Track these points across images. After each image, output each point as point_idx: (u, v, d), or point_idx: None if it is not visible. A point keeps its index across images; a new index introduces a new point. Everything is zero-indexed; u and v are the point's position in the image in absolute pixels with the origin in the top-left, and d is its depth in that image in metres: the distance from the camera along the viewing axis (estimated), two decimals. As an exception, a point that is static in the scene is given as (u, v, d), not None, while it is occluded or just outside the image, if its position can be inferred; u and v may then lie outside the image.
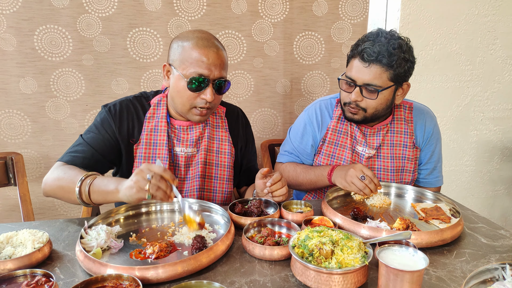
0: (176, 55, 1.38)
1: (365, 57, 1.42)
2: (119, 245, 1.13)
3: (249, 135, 1.70)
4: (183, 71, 1.35)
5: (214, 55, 1.34)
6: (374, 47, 1.40)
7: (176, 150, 1.48)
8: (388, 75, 1.44)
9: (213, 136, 1.55)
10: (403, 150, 1.62)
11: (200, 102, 1.38)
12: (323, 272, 0.90)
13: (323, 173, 1.57)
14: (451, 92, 2.61)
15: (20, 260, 1.00)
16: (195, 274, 1.00)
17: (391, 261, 0.85)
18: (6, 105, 2.18)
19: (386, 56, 1.40)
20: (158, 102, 1.50)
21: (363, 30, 2.50)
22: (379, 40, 1.42)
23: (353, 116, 1.55)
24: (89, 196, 1.20)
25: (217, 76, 1.36)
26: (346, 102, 1.54)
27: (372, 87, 1.45)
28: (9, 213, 2.32)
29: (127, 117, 1.46)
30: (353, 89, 1.49)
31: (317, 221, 1.19)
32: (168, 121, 1.48)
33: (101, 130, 1.43)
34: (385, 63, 1.41)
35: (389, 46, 1.41)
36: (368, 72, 1.43)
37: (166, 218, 1.32)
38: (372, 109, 1.50)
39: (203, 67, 1.33)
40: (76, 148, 1.39)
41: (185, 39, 1.37)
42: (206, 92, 1.36)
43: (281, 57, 2.44)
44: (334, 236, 0.96)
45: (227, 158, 1.56)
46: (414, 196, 1.50)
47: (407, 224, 1.19)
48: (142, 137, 1.45)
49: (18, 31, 2.10)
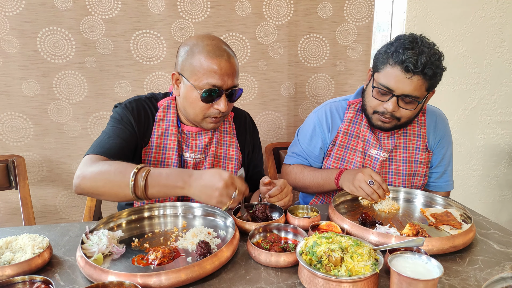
0: (186, 64, 1.33)
1: (410, 68, 1.34)
2: (121, 250, 1.10)
3: (256, 141, 1.67)
4: (195, 82, 1.32)
5: (227, 64, 1.31)
6: (420, 58, 1.32)
7: (185, 155, 1.46)
8: (427, 85, 1.39)
9: (221, 142, 1.53)
10: (416, 153, 1.59)
11: (214, 112, 1.36)
12: (332, 280, 0.86)
13: (330, 176, 1.53)
14: (458, 95, 2.58)
15: (19, 266, 0.97)
16: (199, 281, 0.97)
17: (404, 269, 0.82)
18: (8, 107, 2.16)
19: (432, 68, 1.34)
20: (168, 105, 1.47)
21: (368, 32, 2.48)
22: (421, 50, 1.34)
23: (383, 125, 1.50)
24: (145, 189, 1.12)
25: (230, 85, 1.34)
26: (379, 111, 1.47)
27: (411, 98, 1.39)
28: (10, 217, 2.29)
29: (144, 116, 1.43)
30: (388, 99, 1.42)
31: (324, 226, 1.16)
32: (178, 125, 1.46)
33: (122, 122, 1.37)
34: (430, 75, 1.35)
35: (432, 57, 1.34)
36: (410, 83, 1.36)
37: (169, 223, 1.29)
38: (406, 118, 1.46)
39: (216, 78, 1.30)
40: (107, 141, 1.29)
41: (194, 47, 1.32)
42: (220, 102, 1.33)
43: (286, 60, 2.42)
44: (343, 242, 0.93)
45: (234, 164, 1.54)
46: (423, 201, 1.46)
47: (417, 230, 1.16)
48: (152, 140, 1.43)
49: (21, 33, 2.09)
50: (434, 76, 1.37)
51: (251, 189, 1.64)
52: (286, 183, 1.32)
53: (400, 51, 1.37)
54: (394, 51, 1.39)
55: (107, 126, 1.39)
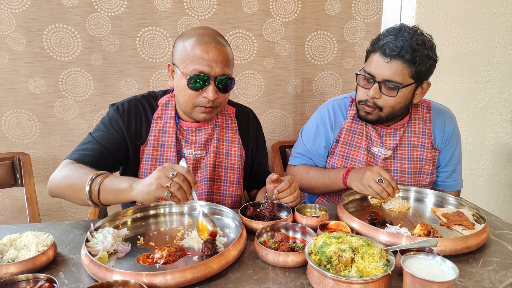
0: (177, 54, 1.34)
1: (386, 52, 1.36)
2: (126, 249, 1.08)
3: (260, 137, 1.64)
4: (183, 69, 1.30)
5: (215, 51, 1.28)
6: (397, 42, 1.34)
7: (184, 152, 1.43)
8: (410, 72, 1.38)
9: (223, 138, 1.50)
10: (420, 151, 1.55)
11: (203, 101, 1.32)
12: (342, 281, 0.84)
13: (337, 176, 1.51)
14: (468, 93, 2.54)
15: (23, 264, 0.96)
16: (205, 280, 0.95)
17: (417, 271, 0.79)
18: (14, 105, 2.16)
19: (409, 51, 1.34)
20: (166, 103, 1.46)
21: (376, 29, 2.44)
22: (402, 35, 1.36)
23: (366, 116, 1.49)
24: (98, 195, 1.13)
25: (219, 73, 1.30)
26: (363, 99, 1.47)
27: (392, 83, 1.39)
28: (16, 214, 2.29)
29: (135, 117, 1.42)
30: (372, 85, 1.42)
31: (333, 226, 1.14)
32: (176, 122, 1.43)
33: (110, 129, 1.38)
34: (408, 59, 1.35)
35: (413, 42, 1.34)
36: (389, 67, 1.37)
37: (175, 221, 1.27)
38: (389, 108, 1.44)
39: (203, 64, 1.27)
40: (85, 146, 1.33)
41: (186, 37, 1.33)
42: (208, 90, 1.30)
43: (293, 57, 2.39)
44: (353, 242, 0.91)
45: (237, 160, 1.50)
46: (434, 200, 1.43)
47: (428, 230, 1.13)
48: (150, 138, 1.41)
49: (27, 30, 2.08)
50: (414, 61, 1.36)
51: (256, 186, 1.62)
52: (293, 178, 1.29)
53: (381, 38, 1.41)
54: (377, 38, 1.43)
55: (94, 128, 1.41)
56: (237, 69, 2.34)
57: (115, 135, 1.38)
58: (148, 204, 1.22)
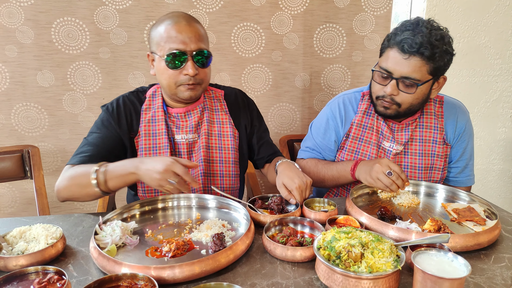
0: (153, 40, 1.37)
1: (405, 48, 1.31)
2: (134, 242, 1.08)
3: (254, 113, 1.62)
4: (160, 52, 1.33)
5: (186, 27, 1.31)
6: (415, 38, 1.30)
7: (176, 138, 1.46)
8: (428, 68, 1.34)
9: (213, 119, 1.51)
10: (432, 146, 1.53)
11: (184, 79, 1.34)
12: (351, 276, 0.83)
13: (346, 168, 1.49)
14: (479, 87, 2.49)
15: (33, 256, 0.96)
16: (213, 274, 0.95)
17: (428, 267, 0.78)
18: (23, 98, 2.17)
19: (429, 48, 1.30)
20: (153, 93, 1.49)
21: (386, 22, 2.41)
22: (420, 30, 1.31)
23: (385, 111, 1.46)
24: (106, 184, 1.19)
25: (195, 49, 1.32)
26: (380, 95, 1.44)
27: (411, 80, 1.35)
28: (26, 206, 2.32)
29: (124, 112, 1.45)
30: (389, 82, 1.39)
31: (342, 220, 1.12)
32: (165, 110, 1.45)
33: (102, 129, 1.42)
34: (427, 56, 1.31)
35: (431, 37, 1.30)
36: (407, 64, 1.34)
37: (183, 214, 1.27)
38: (407, 104, 1.41)
39: (177, 41, 1.30)
40: (82, 149, 1.38)
41: (158, 23, 1.36)
42: (187, 67, 1.32)
43: (301, 50, 2.37)
44: (363, 238, 0.89)
45: (230, 140, 1.51)
46: (444, 195, 1.41)
47: (438, 225, 1.11)
48: (141, 129, 1.44)
49: (36, 23, 2.08)
50: (433, 58, 1.32)
51: (266, 160, 1.61)
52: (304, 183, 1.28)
53: (398, 33, 1.36)
54: (394, 33, 1.38)
55: (88, 132, 1.44)
56: (244, 62, 2.33)
57: (108, 134, 1.41)
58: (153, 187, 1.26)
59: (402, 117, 1.49)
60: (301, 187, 1.25)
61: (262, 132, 1.63)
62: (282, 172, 1.32)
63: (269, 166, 1.59)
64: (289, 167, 1.34)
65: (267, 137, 1.65)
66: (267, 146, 1.61)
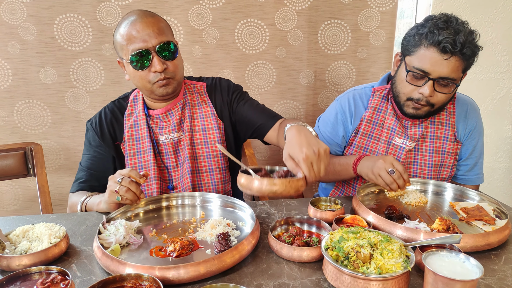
0: (117, 46, 1.34)
1: (447, 49, 1.25)
2: (138, 241, 1.07)
3: (233, 94, 1.51)
4: (125, 56, 1.31)
5: (142, 24, 1.27)
6: (458, 38, 1.25)
7: (160, 139, 1.44)
8: (463, 66, 1.31)
9: (195, 114, 1.47)
10: (443, 143, 1.50)
11: (154, 76, 1.31)
12: (359, 277, 0.81)
13: (348, 162, 1.46)
14: (486, 84, 2.46)
15: (36, 256, 0.95)
16: (219, 275, 0.93)
17: (439, 268, 0.76)
18: (26, 95, 2.16)
19: (471, 47, 1.27)
20: (134, 98, 1.48)
21: (392, 18, 2.37)
22: (456, 28, 1.26)
23: (415, 112, 1.41)
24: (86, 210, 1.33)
25: (157, 43, 1.28)
26: (414, 97, 1.38)
27: (448, 80, 1.31)
28: (29, 204, 2.31)
29: (105, 124, 1.45)
30: (425, 83, 1.34)
31: (349, 220, 1.11)
32: (146, 113, 1.44)
33: (90, 149, 1.46)
34: (468, 55, 1.28)
35: (469, 36, 1.27)
36: (447, 64, 1.28)
37: (187, 213, 1.26)
38: (440, 104, 1.38)
39: (137, 41, 1.27)
40: (78, 175, 1.47)
41: (117, 27, 1.33)
42: (153, 64, 1.29)
43: (305, 47, 2.34)
44: (372, 238, 0.88)
45: (215, 133, 1.47)
46: (453, 194, 1.39)
47: (447, 225, 1.09)
48: (125, 135, 1.44)
49: (38, 20, 2.07)
50: (473, 56, 1.30)
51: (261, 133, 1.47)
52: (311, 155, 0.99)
53: (435, 32, 1.28)
54: (428, 31, 1.30)
55: (82, 152, 1.50)
56: (248, 59, 2.31)
57: (97, 154, 1.45)
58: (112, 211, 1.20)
59: (431, 115, 1.46)
60: (309, 157, 0.98)
61: (247, 102, 1.50)
62: (290, 141, 1.06)
63: (278, 133, 1.37)
64: (298, 132, 1.06)
65: (255, 105, 1.51)
66: (258, 113, 1.47)
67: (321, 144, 1.01)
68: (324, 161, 0.99)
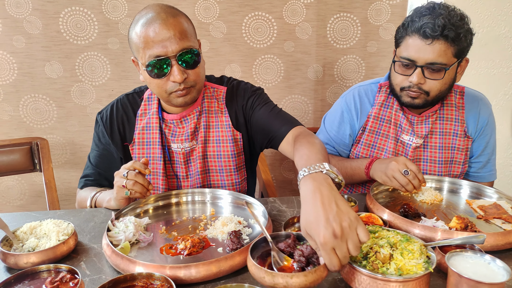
0: (132, 46, 1.20)
1: (427, 33, 1.26)
2: (148, 238, 1.04)
3: (250, 101, 1.36)
4: (142, 60, 1.17)
5: (162, 26, 1.11)
6: (437, 21, 1.25)
7: (172, 147, 1.34)
8: (453, 50, 1.29)
9: (210, 123, 1.35)
10: (453, 139, 1.47)
11: (173, 86, 1.18)
12: (379, 279, 0.78)
13: (360, 166, 1.43)
14: (498, 79, 2.41)
15: (44, 253, 0.93)
16: (231, 274, 0.91)
17: (464, 270, 0.73)
18: (32, 89, 2.13)
19: (453, 29, 1.25)
20: (149, 97, 1.36)
21: (402, 11, 2.32)
22: (438, 13, 1.27)
23: (413, 101, 1.39)
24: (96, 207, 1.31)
25: (178, 50, 1.13)
26: (405, 86, 1.38)
27: (437, 66, 1.30)
28: (35, 199, 2.29)
29: (116, 121, 1.37)
30: (413, 71, 1.34)
31: (364, 218, 1.08)
32: (160, 116, 1.33)
33: (99, 145, 1.41)
34: (452, 37, 1.26)
35: (452, 18, 1.26)
36: (431, 49, 1.28)
37: (197, 210, 1.23)
38: (436, 91, 1.35)
39: (155, 46, 1.12)
40: (86, 172, 1.44)
41: (133, 24, 1.17)
42: (173, 73, 1.15)
43: (314, 41, 2.30)
44: (391, 237, 0.85)
45: (229, 146, 1.35)
46: (469, 191, 1.35)
47: (465, 223, 1.06)
48: (135, 136, 1.35)
49: (44, 13, 2.04)
50: (458, 39, 1.28)
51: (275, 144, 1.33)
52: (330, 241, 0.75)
53: (416, 19, 1.31)
54: (410, 20, 1.33)
55: (91, 147, 1.46)
56: (255, 53, 2.27)
57: (104, 152, 1.41)
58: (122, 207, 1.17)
59: (430, 105, 1.43)
60: (329, 243, 0.74)
61: (262, 107, 1.35)
62: (305, 209, 0.82)
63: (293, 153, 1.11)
64: (314, 195, 0.81)
65: (270, 109, 1.35)
66: (272, 120, 1.33)
67: (345, 213, 0.77)
68: (352, 240, 0.75)
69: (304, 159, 0.97)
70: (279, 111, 1.36)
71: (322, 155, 0.98)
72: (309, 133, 1.19)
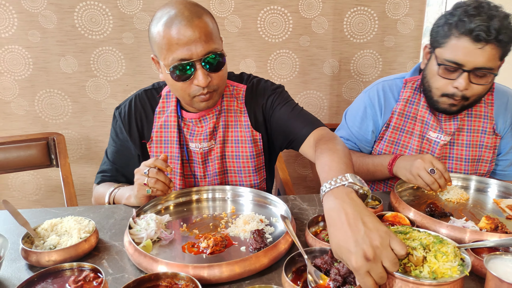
0: (153, 45, 1.15)
1: (481, 37, 1.17)
2: (170, 236, 1.03)
3: (270, 100, 1.33)
4: (164, 61, 1.13)
5: (189, 29, 1.06)
6: (492, 24, 1.16)
7: (190, 146, 1.31)
8: (499, 53, 1.22)
9: (229, 123, 1.32)
10: (481, 136, 1.42)
11: (196, 90, 1.14)
12: (410, 282, 0.75)
13: (383, 162, 1.40)
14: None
15: (66, 251, 0.92)
16: (256, 274, 0.88)
17: (505, 274, 0.70)
18: (47, 84, 2.13)
19: (507, 33, 1.18)
20: (167, 94, 1.33)
21: (421, 5, 2.27)
22: (489, 14, 1.18)
23: (450, 108, 1.33)
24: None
25: (203, 53, 1.09)
26: (448, 93, 1.29)
27: (485, 71, 1.23)
28: (51, 194, 2.30)
29: (135, 117, 1.34)
30: (459, 75, 1.25)
31: (390, 217, 1.05)
32: (178, 114, 1.30)
33: (117, 141, 1.38)
34: (505, 42, 1.19)
35: (505, 21, 1.18)
36: (482, 54, 1.20)
37: (218, 207, 1.21)
38: (476, 97, 1.29)
39: (180, 49, 1.08)
40: (103, 167, 1.43)
41: (155, 22, 1.12)
42: (197, 77, 1.11)
43: (330, 35, 2.26)
44: (423, 239, 0.82)
45: (247, 147, 1.31)
46: (496, 190, 1.31)
47: (495, 224, 1.03)
48: (153, 134, 1.32)
49: (59, 7, 2.03)
50: (510, 42, 1.21)
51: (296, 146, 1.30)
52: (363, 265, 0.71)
53: (465, 19, 1.20)
54: (458, 20, 1.22)
55: (108, 142, 1.43)
56: (270, 47, 2.24)
57: (122, 148, 1.38)
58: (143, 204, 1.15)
59: (464, 109, 1.37)
60: (362, 267, 0.70)
61: (283, 106, 1.31)
62: (332, 232, 0.78)
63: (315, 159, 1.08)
64: (338, 215, 0.77)
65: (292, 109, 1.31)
66: (293, 121, 1.28)
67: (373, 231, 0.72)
68: (388, 257, 0.71)
69: (325, 170, 0.93)
70: (300, 111, 1.31)
71: (345, 164, 0.94)
72: (331, 137, 1.15)
